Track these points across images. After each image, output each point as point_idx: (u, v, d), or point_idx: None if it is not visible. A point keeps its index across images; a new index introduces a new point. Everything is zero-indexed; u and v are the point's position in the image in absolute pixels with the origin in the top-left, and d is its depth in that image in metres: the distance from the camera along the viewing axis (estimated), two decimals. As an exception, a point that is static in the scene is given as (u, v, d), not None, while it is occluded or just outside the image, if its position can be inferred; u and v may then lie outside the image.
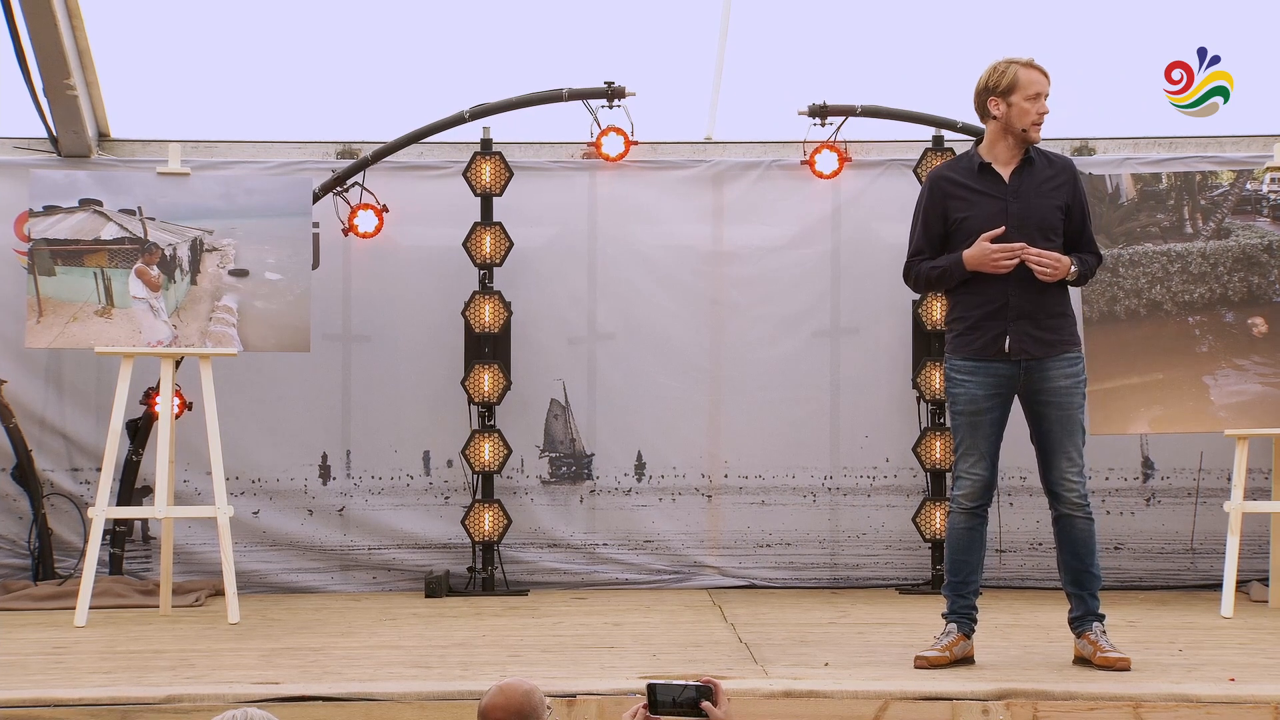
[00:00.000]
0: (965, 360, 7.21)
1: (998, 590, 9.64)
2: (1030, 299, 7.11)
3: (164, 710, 6.47)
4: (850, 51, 9.71)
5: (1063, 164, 7.30)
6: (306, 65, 9.60)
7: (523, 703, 4.69)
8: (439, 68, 9.65)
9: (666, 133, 9.88)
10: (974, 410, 7.20)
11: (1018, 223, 7.12)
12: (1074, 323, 7.28)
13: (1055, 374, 7.16)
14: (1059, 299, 7.19)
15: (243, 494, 9.66)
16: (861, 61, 9.67)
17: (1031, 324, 7.12)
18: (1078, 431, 7.22)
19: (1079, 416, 7.23)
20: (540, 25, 9.64)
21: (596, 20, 9.63)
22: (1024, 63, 7.19)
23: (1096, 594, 7.26)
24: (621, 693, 6.60)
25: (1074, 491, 7.20)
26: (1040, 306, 7.13)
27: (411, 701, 6.56)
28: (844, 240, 9.89)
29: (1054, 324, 7.16)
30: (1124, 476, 9.84)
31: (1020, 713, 6.49)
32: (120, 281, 8.82)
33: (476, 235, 9.57)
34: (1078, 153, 9.75)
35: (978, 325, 7.17)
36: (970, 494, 7.25)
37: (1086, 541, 7.22)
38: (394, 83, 9.65)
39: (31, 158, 9.62)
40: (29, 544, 9.56)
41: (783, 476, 9.89)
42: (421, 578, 9.63)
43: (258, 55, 9.58)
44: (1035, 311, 7.12)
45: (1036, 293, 7.11)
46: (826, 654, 7.49)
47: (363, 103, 9.67)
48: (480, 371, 9.55)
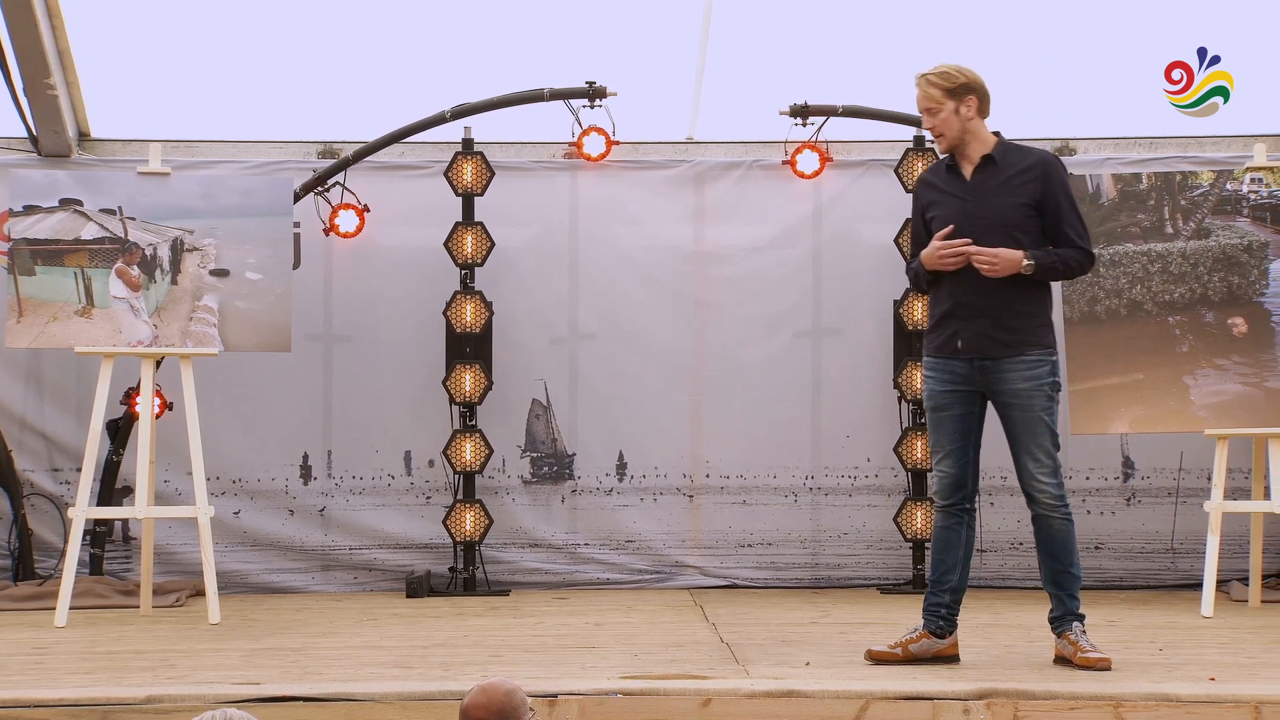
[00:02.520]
0: (929, 357, 7.29)
1: (978, 590, 9.64)
2: (991, 298, 7.11)
3: (144, 711, 6.46)
4: (832, 51, 9.72)
5: (1036, 159, 7.24)
6: (287, 65, 9.59)
7: (504, 702, 4.70)
8: (420, 67, 9.64)
9: (648, 133, 9.88)
10: (934, 406, 7.26)
11: (977, 221, 7.13)
12: (1043, 323, 7.21)
13: (1013, 375, 7.15)
14: (1024, 298, 7.14)
15: (223, 494, 9.65)
16: (843, 61, 9.68)
17: (990, 323, 7.12)
18: (1042, 432, 7.20)
19: (1042, 417, 7.19)
20: (522, 25, 9.63)
21: (578, 20, 9.63)
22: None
23: (1076, 594, 7.26)
24: (603, 693, 6.60)
25: (1045, 492, 7.21)
26: (1003, 305, 7.11)
27: (393, 702, 6.55)
28: (825, 240, 9.90)
29: (1016, 324, 7.13)
30: (1104, 476, 9.85)
31: (1001, 712, 6.50)
32: (101, 281, 8.80)
33: (458, 235, 9.57)
34: (1058, 153, 9.73)
35: (939, 323, 7.24)
36: (940, 491, 7.30)
37: (1064, 542, 7.22)
38: (375, 82, 9.64)
39: (11, 157, 9.61)
40: (8, 544, 9.53)
41: (764, 476, 9.90)
42: (403, 578, 9.62)
43: (238, 55, 9.57)
44: (995, 310, 7.12)
45: (999, 291, 7.10)
46: (808, 654, 7.50)
47: (344, 102, 9.66)
48: (461, 371, 9.55)
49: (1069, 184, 7.29)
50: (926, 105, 7.23)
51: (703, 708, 6.55)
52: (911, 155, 9.62)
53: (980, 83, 7.27)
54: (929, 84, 7.22)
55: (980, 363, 7.15)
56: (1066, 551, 7.23)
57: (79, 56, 9.46)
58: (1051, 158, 7.32)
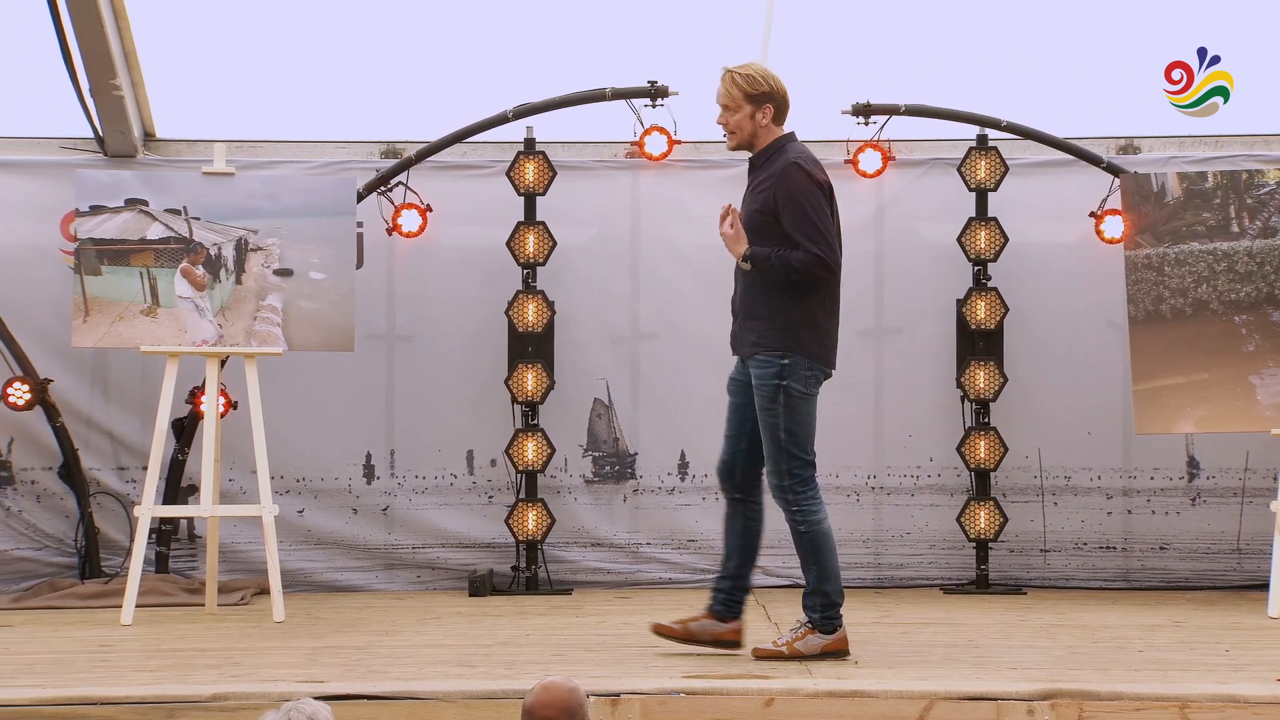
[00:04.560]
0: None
1: (1042, 590, 9.62)
2: (742, 299, 7.43)
3: (210, 708, 6.49)
4: (894, 50, 9.69)
5: (776, 168, 7.38)
6: (351, 65, 9.63)
7: (568, 700, 4.71)
8: (483, 67, 9.67)
9: (710, 132, 9.80)
10: (728, 392, 7.53)
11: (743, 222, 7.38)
12: (777, 328, 7.32)
13: (753, 373, 7.39)
14: (757, 303, 7.35)
15: (287, 493, 9.69)
16: (905, 60, 9.66)
17: (738, 322, 7.45)
18: (768, 432, 7.36)
19: (768, 419, 7.36)
20: (584, 25, 9.64)
21: (640, 19, 9.63)
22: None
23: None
24: (666, 692, 6.59)
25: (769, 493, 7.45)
26: (744, 308, 7.42)
27: (456, 700, 6.56)
28: (887, 239, 9.88)
29: (752, 325, 7.38)
30: (1169, 476, 9.80)
31: (1066, 713, 6.46)
32: (166, 281, 8.85)
33: (520, 235, 9.58)
34: (1122, 151, 9.72)
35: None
36: (717, 474, 7.56)
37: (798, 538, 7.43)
38: (438, 82, 9.67)
39: (78, 158, 9.67)
40: (76, 542, 9.60)
41: (826, 475, 9.77)
42: (465, 577, 9.64)
43: (302, 55, 9.61)
44: (742, 311, 7.43)
45: (744, 293, 7.41)
46: (870, 654, 7.47)
47: (407, 102, 9.69)
48: (524, 371, 9.56)
49: (803, 191, 7.30)
50: (725, 101, 7.46)
51: (765, 707, 6.53)
52: (975, 154, 9.59)
53: (782, 93, 7.47)
54: (732, 82, 7.45)
55: (741, 358, 7.45)
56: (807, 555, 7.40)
57: (144, 57, 9.52)
58: (788, 166, 7.37)
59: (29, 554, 9.66)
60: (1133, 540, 9.81)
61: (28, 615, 8.87)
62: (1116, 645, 7.74)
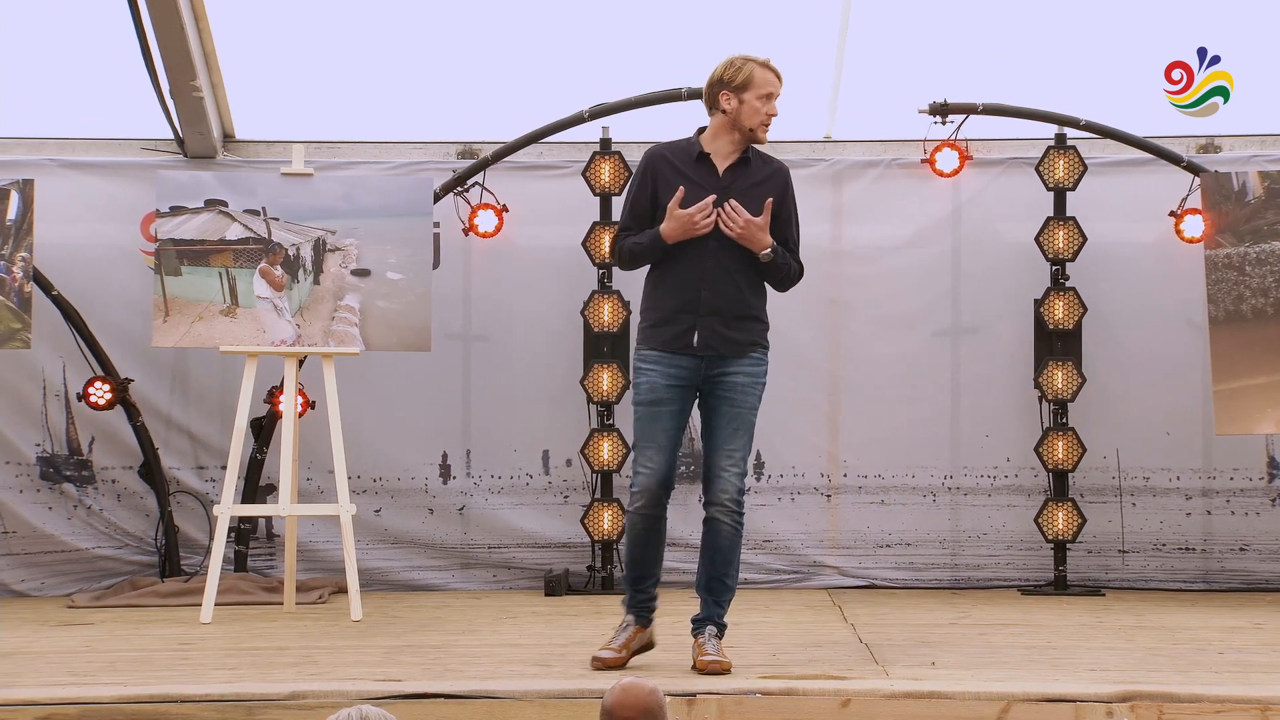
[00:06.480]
0: (653, 350, 7.18)
1: (1121, 592, 9.56)
2: (723, 298, 7.12)
3: (288, 706, 6.52)
4: (971, 49, 9.65)
5: (776, 168, 7.28)
6: (427, 66, 9.66)
7: (648, 700, 4.71)
8: (558, 67, 9.68)
9: (786, 131, 9.73)
10: (654, 400, 7.16)
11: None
12: (765, 326, 7.25)
13: (736, 370, 7.17)
14: (750, 303, 7.19)
15: (364, 492, 9.73)
16: (982, 59, 9.62)
17: (719, 321, 7.13)
18: (745, 431, 7.20)
19: (750, 417, 7.22)
20: (659, 24, 9.64)
21: (715, 19, 9.62)
22: (760, 62, 7.19)
23: (724, 604, 7.21)
24: (741, 693, 6.59)
25: (727, 493, 7.15)
26: (731, 307, 7.14)
27: (533, 700, 6.58)
28: (964, 239, 9.84)
29: (743, 325, 7.18)
30: (1249, 477, 9.72)
31: (1145, 714, 6.42)
32: (245, 281, 8.91)
33: (596, 235, 9.60)
34: (1203, 150, 9.65)
35: (670, 319, 7.15)
36: (644, 489, 7.14)
37: (728, 550, 7.17)
38: (513, 83, 9.69)
39: (158, 159, 9.74)
40: (156, 541, 9.68)
41: (903, 476, 9.85)
42: (541, 576, 9.66)
43: (379, 56, 9.65)
44: (724, 310, 7.13)
45: (729, 293, 7.13)
46: (947, 655, 7.45)
47: (483, 103, 9.72)
48: (599, 371, 9.58)
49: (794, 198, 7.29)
50: (778, 92, 7.21)
51: (842, 708, 6.53)
52: (1053, 153, 9.54)
53: None
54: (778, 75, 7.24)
55: (709, 358, 7.15)
56: (726, 561, 7.18)
57: (224, 58, 9.57)
58: (784, 167, 7.32)
59: (110, 552, 9.73)
60: (1212, 541, 9.74)
61: (109, 613, 8.95)
62: (1196, 647, 7.68)
